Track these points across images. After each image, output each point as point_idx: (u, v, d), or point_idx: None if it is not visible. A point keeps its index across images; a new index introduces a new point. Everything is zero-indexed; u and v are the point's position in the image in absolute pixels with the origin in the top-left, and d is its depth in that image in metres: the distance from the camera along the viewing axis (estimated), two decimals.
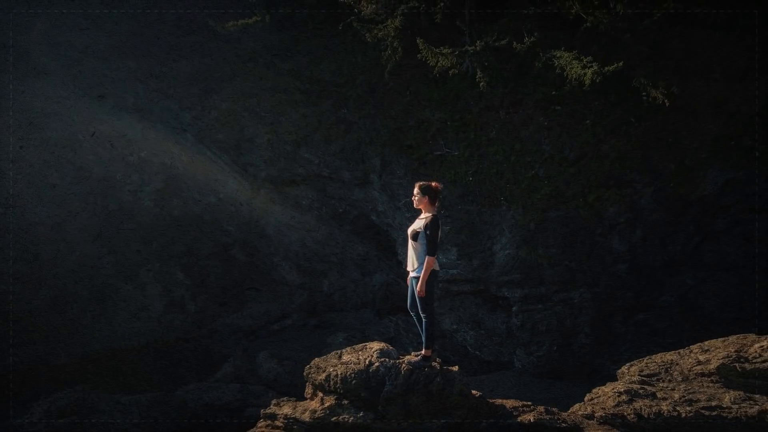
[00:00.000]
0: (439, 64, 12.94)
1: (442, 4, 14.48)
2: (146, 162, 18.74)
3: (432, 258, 7.34)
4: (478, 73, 12.97)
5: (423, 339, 7.48)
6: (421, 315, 7.50)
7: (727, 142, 14.28)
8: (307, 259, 19.47)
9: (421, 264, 7.33)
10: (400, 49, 13.81)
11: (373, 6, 14.73)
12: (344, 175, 18.39)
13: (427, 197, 7.56)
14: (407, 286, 8.10)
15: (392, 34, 13.36)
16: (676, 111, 13.98)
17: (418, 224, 7.54)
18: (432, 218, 7.43)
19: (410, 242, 7.70)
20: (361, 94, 17.89)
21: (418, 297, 7.41)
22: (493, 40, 13.29)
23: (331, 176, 18.59)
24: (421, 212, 7.71)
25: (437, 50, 12.71)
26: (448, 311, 15.70)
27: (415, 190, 7.69)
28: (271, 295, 18.65)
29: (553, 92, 14.79)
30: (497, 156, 15.79)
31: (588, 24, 12.54)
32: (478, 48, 12.63)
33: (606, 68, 11.63)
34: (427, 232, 7.30)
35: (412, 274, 7.68)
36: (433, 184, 7.77)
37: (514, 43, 12.54)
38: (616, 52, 12.97)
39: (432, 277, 7.37)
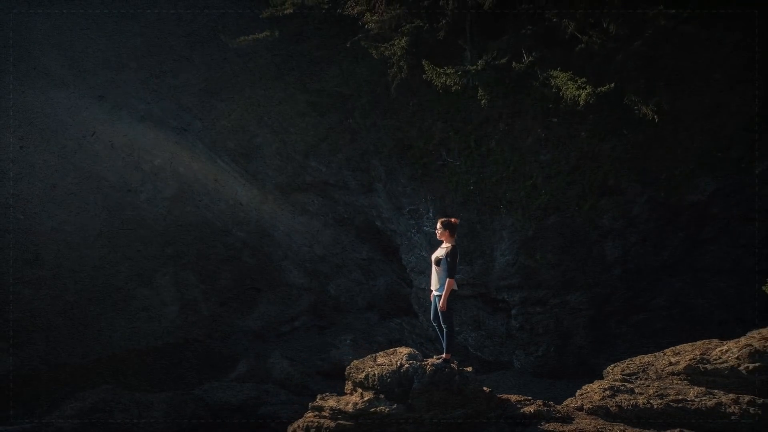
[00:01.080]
0: (442, 83, 13.66)
1: (444, 21, 15.21)
2: (160, 169, 19.42)
3: (452, 280, 8.57)
4: (480, 91, 13.70)
5: (444, 345, 8.68)
6: (443, 326, 8.69)
7: (716, 152, 15.01)
8: (314, 262, 20.16)
9: (442, 285, 8.57)
10: (405, 67, 14.53)
11: (378, 24, 15.43)
12: (350, 183, 19.09)
13: (447, 231, 8.86)
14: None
15: (398, 53, 14.08)
16: (667, 123, 14.69)
17: (441, 252, 8.82)
18: (452, 248, 8.72)
19: (434, 267, 8.92)
20: (366, 104, 18.59)
21: (441, 311, 8.53)
22: (493, 57, 14.02)
23: (337, 183, 19.29)
24: (443, 242, 8.94)
25: (441, 70, 13.45)
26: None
27: (438, 225, 9.01)
28: (279, 297, 19.35)
29: (550, 105, 15.49)
30: (497, 165, 16.50)
31: (583, 45, 13.29)
32: (479, 67, 13.37)
33: (599, 89, 12.38)
34: (448, 260, 8.59)
35: (435, 293, 8.87)
36: (453, 219, 9.08)
37: (514, 63, 13.28)
38: (609, 70, 13.72)
39: (452, 295, 8.56)
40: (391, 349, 8.23)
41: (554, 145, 16.11)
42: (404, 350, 7.80)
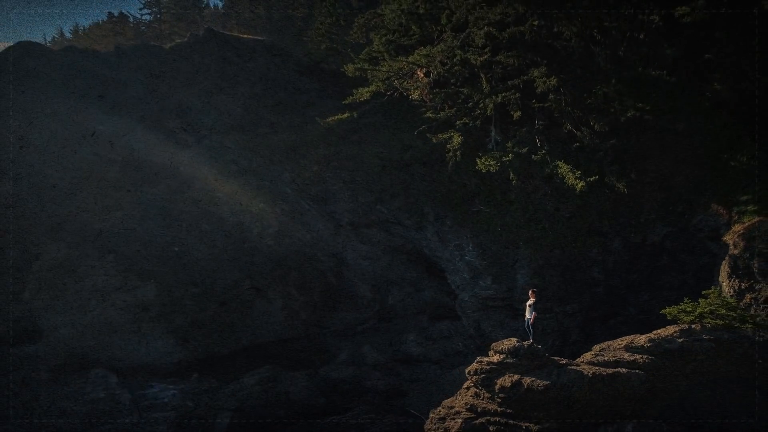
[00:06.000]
0: (486, 168, 20.55)
1: (478, 112, 22.05)
2: (264, 211, 26.02)
3: (535, 313, 17.05)
4: (511, 174, 20.60)
5: (531, 337, 16.59)
6: (530, 329, 16.80)
7: (667, 208, 21.91)
8: (376, 279, 26.83)
9: (530, 314, 16.53)
10: (459, 154, 21.35)
11: (433, 114, 22.26)
12: (405, 221, 25.75)
13: (534, 294, 17.13)
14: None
15: (456, 146, 20.92)
16: (634, 188, 21.58)
17: (530, 301, 16.74)
18: (535, 301, 16.57)
19: (527, 307, 17.26)
20: (418, 164, 25.34)
21: (530, 324, 16.71)
22: (515, 144, 20.86)
23: (396, 222, 25.95)
24: (530, 297, 17.17)
25: (487, 162, 20.29)
26: (485, 319, 23.21)
27: (530, 291, 16.93)
28: (353, 305, 26.03)
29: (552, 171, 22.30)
30: (516, 213, 23.30)
31: (577, 143, 20.22)
32: (510, 157, 20.24)
33: (588, 179, 19.26)
34: (534, 306, 16.61)
35: (528, 317, 16.73)
36: (535, 290, 17.03)
37: (533, 155, 20.17)
38: (595, 159, 20.65)
39: (536, 321, 16.67)
40: (508, 339, 16.33)
41: (557, 199, 22.94)
42: (514, 339, 15.99)
